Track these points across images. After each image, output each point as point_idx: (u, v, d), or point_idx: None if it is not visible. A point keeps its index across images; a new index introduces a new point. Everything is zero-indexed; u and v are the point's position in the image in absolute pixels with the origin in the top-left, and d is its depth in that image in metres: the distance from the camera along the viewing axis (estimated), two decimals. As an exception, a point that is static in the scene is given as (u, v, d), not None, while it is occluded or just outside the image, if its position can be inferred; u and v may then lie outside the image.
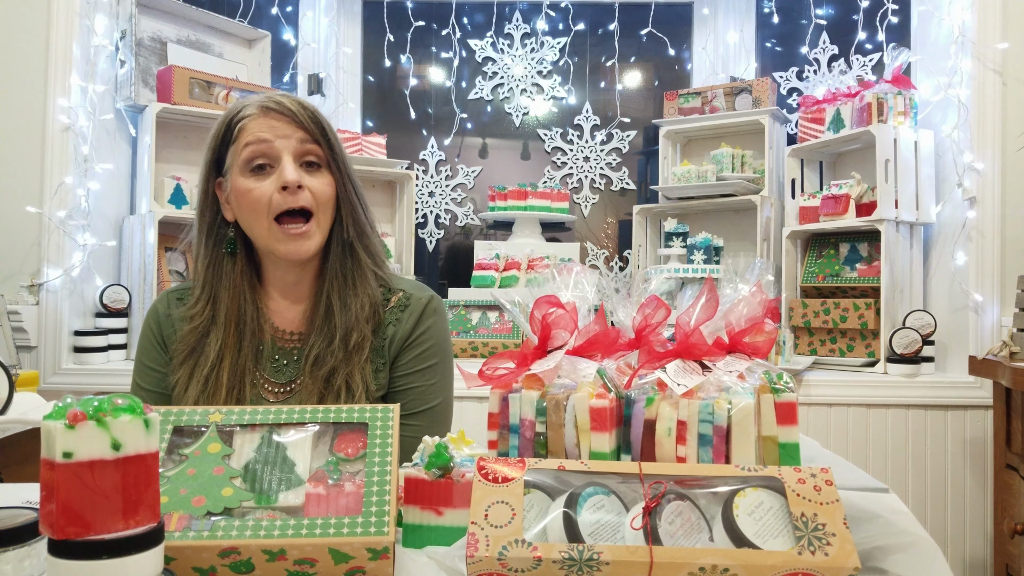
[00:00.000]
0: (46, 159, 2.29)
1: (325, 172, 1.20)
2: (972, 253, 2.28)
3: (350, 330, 1.19)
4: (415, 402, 1.24)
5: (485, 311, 2.54)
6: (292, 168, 1.15)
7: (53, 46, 2.30)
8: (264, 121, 1.17)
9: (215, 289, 1.22)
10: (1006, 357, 1.90)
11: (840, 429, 2.26)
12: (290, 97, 1.20)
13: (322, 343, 1.19)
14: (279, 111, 1.17)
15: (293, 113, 1.17)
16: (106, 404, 0.59)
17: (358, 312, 1.20)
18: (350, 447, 0.79)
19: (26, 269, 2.30)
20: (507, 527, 0.70)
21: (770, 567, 0.68)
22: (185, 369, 1.21)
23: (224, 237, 1.23)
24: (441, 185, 3.07)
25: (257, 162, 1.16)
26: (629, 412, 0.85)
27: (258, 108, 1.18)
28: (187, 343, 1.22)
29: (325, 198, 1.19)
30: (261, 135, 1.16)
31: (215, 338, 1.20)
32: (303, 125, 1.17)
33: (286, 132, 1.16)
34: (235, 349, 1.20)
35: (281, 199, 1.15)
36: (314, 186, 1.17)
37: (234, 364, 1.19)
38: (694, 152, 2.90)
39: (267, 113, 1.17)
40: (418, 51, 3.06)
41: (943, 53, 2.38)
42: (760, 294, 0.91)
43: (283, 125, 1.17)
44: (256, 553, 0.70)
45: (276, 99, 1.18)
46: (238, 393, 1.19)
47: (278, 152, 1.16)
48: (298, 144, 1.17)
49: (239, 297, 1.22)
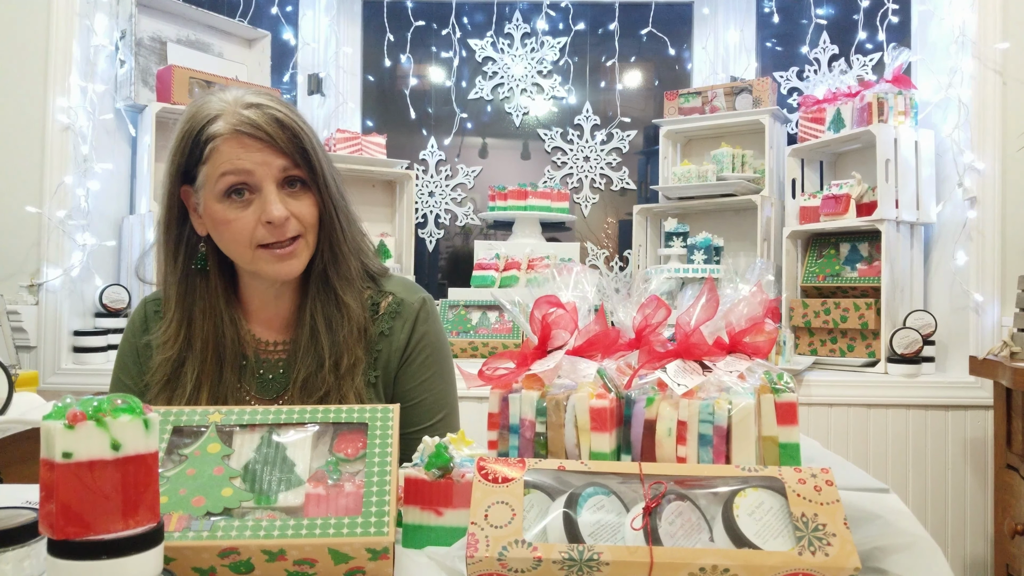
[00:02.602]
0: (46, 159, 2.29)
1: (308, 193, 1.11)
2: (972, 253, 2.28)
3: (341, 355, 1.13)
4: (426, 414, 1.21)
5: (485, 311, 2.54)
6: (277, 202, 1.06)
7: (53, 46, 2.30)
8: (239, 146, 1.05)
9: (189, 311, 1.14)
10: (1006, 357, 1.90)
11: (840, 429, 2.26)
12: (265, 113, 1.07)
13: (310, 366, 1.13)
14: (254, 136, 1.06)
15: (271, 137, 1.06)
16: (106, 404, 0.59)
17: (346, 336, 1.14)
18: (350, 447, 0.79)
19: (26, 269, 2.30)
20: (507, 527, 0.70)
21: (770, 567, 0.68)
22: (162, 400, 1.14)
23: (195, 253, 1.15)
24: (441, 185, 3.07)
25: (235, 188, 1.07)
26: (629, 412, 0.85)
27: (230, 131, 1.06)
28: (163, 372, 1.14)
29: (310, 220, 1.11)
30: (239, 163, 1.05)
31: (191, 367, 1.13)
32: (283, 150, 1.07)
33: (265, 159, 1.06)
34: (215, 375, 1.13)
35: (266, 232, 1.08)
36: (298, 210, 1.10)
37: (214, 391, 1.13)
38: (694, 152, 2.89)
39: (239, 136, 1.05)
40: (418, 51, 3.06)
41: (943, 53, 2.38)
42: (760, 294, 0.91)
43: (261, 151, 1.06)
44: (256, 553, 0.70)
45: (250, 119, 1.06)
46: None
47: (259, 181, 1.07)
48: (279, 172, 1.08)
49: (215, 318, 1.14)
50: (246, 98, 1.09)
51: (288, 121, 1.09)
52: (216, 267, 1.15)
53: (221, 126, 1.06)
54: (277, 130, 1.07)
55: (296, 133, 1.09)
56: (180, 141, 1.10)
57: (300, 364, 1.14)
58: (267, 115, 1.07)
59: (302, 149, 1.09)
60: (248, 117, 1.06)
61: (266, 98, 1.10)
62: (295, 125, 1.09)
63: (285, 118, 1.08)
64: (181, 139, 1.09)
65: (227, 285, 1.17)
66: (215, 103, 1.08)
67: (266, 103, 1.09)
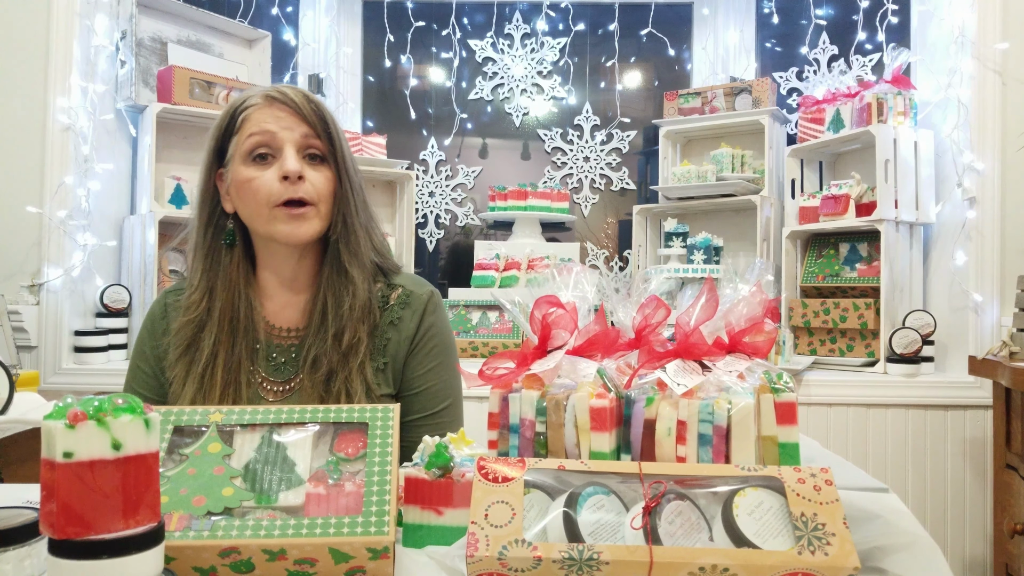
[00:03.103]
0: (46, 159, 2.29)
1: (326, 167, 1.20)
2: (972, 253, 2.28)
3: (342, 329, 1.19)
4: (432, 401, 1.26)
5: (485, 311, 2.54)
6: (294, 159, 1.16)
7: (53, 46, 2.30)
8: (268, 111, 1.17)
9: (211, 281, 1.22)
10: (1006, 357, 1.90)
11: (840, 429, 2.26)
12: (295, 89, 1.20)
13: (320, 343, 1.19)
14: (283, 102, 1.17)
15: (297, 105, 1.17)
16: (106, 404, 0.59)
17: (348, 311, 1.19)
18: (350, 447, 0.79)
19: (26, 269, 2.30)
20: (507, 527, 0.70)
21: (770, 567, 0.68)
22: (182, 366, 1.20)
23: (223, 228, 1.23)
24: (441, 185, 3.07)
25: (259, 151, 1.17)
26: (629, 412, 0.85)
27: (263, 98, 1.18)
28: (183, 336, 1.21)
29: (325, 192, 1.19)
30: (265, 125, 1.16)
31: (209, 333, 1.19)
32: (306, 118, 1.18)
33: (289, 124, 1.17)
34: (228, 346, 1.19)
35: (282, 189, 1.15)
36: (314, 179, 1.18)
37: (228, 361, 1.19)
38: (694, 152, 2.90)
39: (271, 103, 1.18)
40: (418, 51, 3.06)
41: (943, 53, 2.39)
42: (760, 294, 0.91)
43: (287, 116, 1.17)
44: (256, 553, 0.70)
45: (281, 89, 1.19)
46: (234, 391, 1.18)
47: (281, 143, 1.16)
48: (301, 137, 1.17)
49: (234, 292, 1.21)
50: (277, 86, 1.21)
51: (315, 98, 1.21)
52: (241, 245, 1.24)
53: (255, 99, 1.19)
54: (303, 100, 1.18)
55: (320, 108, 1.20)
56: (219, 121, 1.22)
57: (311, 341, 1.19)
58: (297, 91, 1.20)
59: (324, 121, 1.19)
60: (281, 88, 1.19)
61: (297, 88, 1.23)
62: (321, 103, 1.21)
63: (313, 96, 1.21)
64: (220, 119, 1.22)
65: (248, 265, 1.25)
66: (252, 90, 1.22)
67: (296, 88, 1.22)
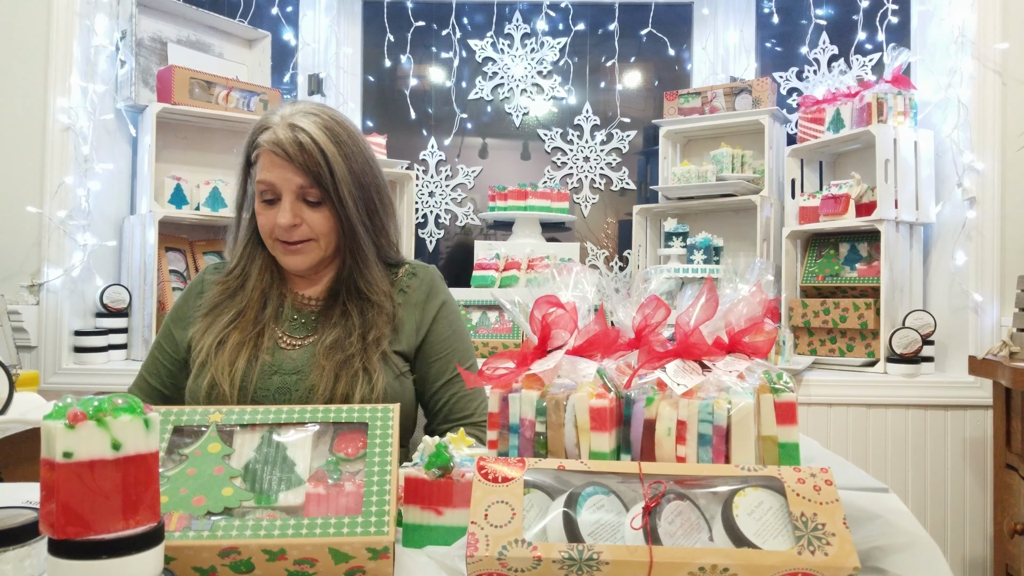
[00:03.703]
0: (46, 159, 2.29)
1: (325, 207, 1.27)
2: (972, 253, 2.28)
3: (368, 329, 1.28)
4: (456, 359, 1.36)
5: (485, 311, 2.54)
6: (287, 211, 1.25)
7: (53, 46, 2.30)
8: (270, 158, 1.25)
9: (247, 267, 1.35)
10: (1006, 357, 1.90)
11: (840, 429, 2.26)
12: (296, 133, 1.23)
13: (339, 334, 1.28)
14: (277, 155, 1.24)
15: (290, 158, 1.23)
16: (106, 404, 0.59)
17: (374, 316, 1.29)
18: (350, 447, 0.79)
19: (26, 269, 2.30)
20: (507, 527, 0.70)
21: (770, 567, 0.68)
22: (205, 321, 1.31)
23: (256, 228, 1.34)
24: (441, 185, 3.07)
25: (266, 197, 1.27)
26: (629, 412, 0.85)
27: (267, 143, 1.25)
28: (212, 298, 1.34)
29: (324, 230, 1.28)
30: (266, 175, 1.25)
31: (240, 299, 1.32)
32: (301, 170, 1.23)
33: (286, 175, 1.24)
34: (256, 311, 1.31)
35: (279, 232, 1.27)
36: (312, 221, 1.27)
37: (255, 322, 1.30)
38: (694, 152, 2.90)
39: (270, 154, 1.25)
40: (418, 51, 3.06)
41: (943, 53, 2.38)
42: (760, 294, 0.91)
43: (283, 167, 1.24)
44: (256, 553, 0.70)
45: (279, 139, 1.23)
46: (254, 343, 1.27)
47: (279, 192, 1.25)
48: (297, 187, 1.25)
49: (265, 278, 1.34)
50: (292, 118, 1.25)
51: (309, 144, 1.23)
52: None
53: (264, 138, 1.26)
54: (297, 152, 1.23)
55: (314, 157, 1.23)
56: (247, 140, 1.30)
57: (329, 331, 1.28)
58: (294, 138, 1.23)
59: (317, 172, 1.24)
60: (278, 138, 1.24)
61: (310, 120, 1.26)
62: (315, 148, 1.24)
63: (308, 142, 1.23)
64: (248, 138, 1.30)
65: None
66: (273, 116, 1.27)
67: (304, 125, 1.24)
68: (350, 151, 1.27)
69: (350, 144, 1.28)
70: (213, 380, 1.24)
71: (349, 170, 1.26)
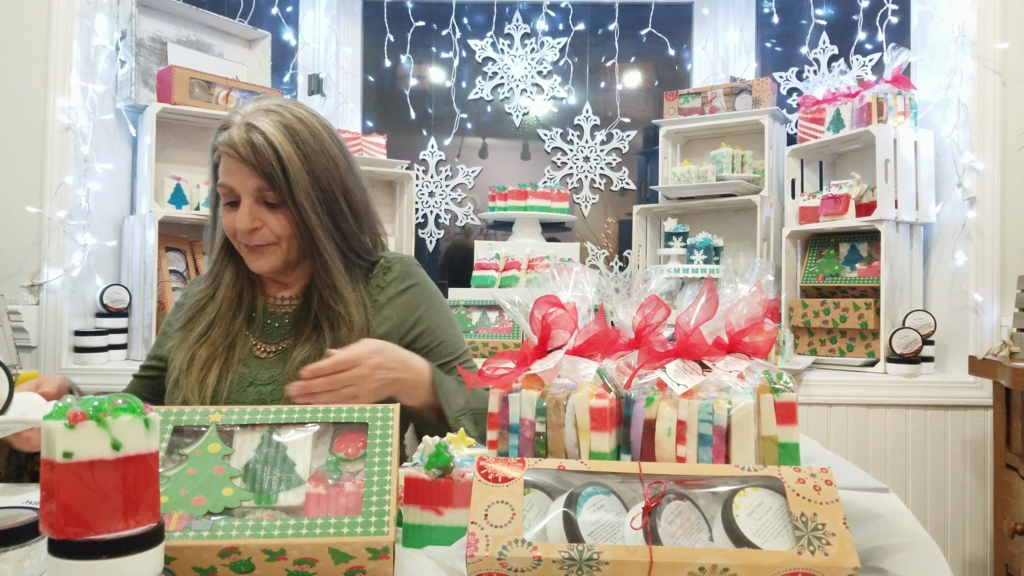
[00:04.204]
0: (46, 159, 2.29)
1: (283, 209, 1.23)
2: (972, 253, 2.28)
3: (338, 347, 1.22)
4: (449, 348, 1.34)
5: (485, 311, 2.54)
6: (244, 215, 1.22)
7: (53, 46, 2.30)
8: (227, 163, 1.22)
9: (221, 271, 1.33)
10: (1006, 357, 1.90)
11: (840, 429, 2.26)
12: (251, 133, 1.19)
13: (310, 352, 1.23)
14: (232, 156, 1.21)
15: (243, 159, 1.20)
16: (106, 404, 0.59)
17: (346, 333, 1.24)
18: (350, 447, 0.79)
19: (26, 269, 2.30)
20: (507, 527, 0.70)
21: (770, 567, 0.68)
22: (180, 335, 1.30)
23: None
24: (441, 185, 3.07)
25: (227, 199, 1.25)
26: (629, 412, 0.85)
27: (223, 144, 1.22)
28: (187, 312, 1.32)
29: (284, 233, 1.24)
30: (225, 180, 1.23)
31: (211, 310, 1.30)
32: (256, 172, 1.20)
33: (242, 177, 1.21)
34: (227, 321, 1.29)
35: (241, 236, 1.25)
36: (272, 223, 1.24)
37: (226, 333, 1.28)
38: (694, 152, 2.90)
39: (225, 157, 1.22)
40: (418, 51, 3.06)
41: (943, 53, 2.38)
42: (760, 294, 0.91)
43: (239, 169, 1.21)
44: (256, 553, 0.70)
45: (233, 140, 1.20)
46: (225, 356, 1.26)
47: (238, 195, 1.23)
48: (254, 190, 1.22)
49: (239, 279, 1.32)
50: (250, 117, 1.22)
51: (262, 145, 1.19)
52: None
53: (221, 139, 1.23)
54: (250, 153, 1.19)
55: (267, 158, 1.19)
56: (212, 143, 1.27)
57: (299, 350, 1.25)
58: (248, 139, 1.20)
59: (270, 175, 1.20)
60: (232, 139, 1.20)
61: (268, 118, 1.21)
62: (269, 149, 1.19)
63: (261, 143, 1.19)
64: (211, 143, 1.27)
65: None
66: (235, 115, 1.24)
67: (261, 124, 1.20)
68: (310, 150, 1.22)
69: (311, 143, 1.22)
70: (184, 399, 1.23)
71: (308, 171, 1.21)
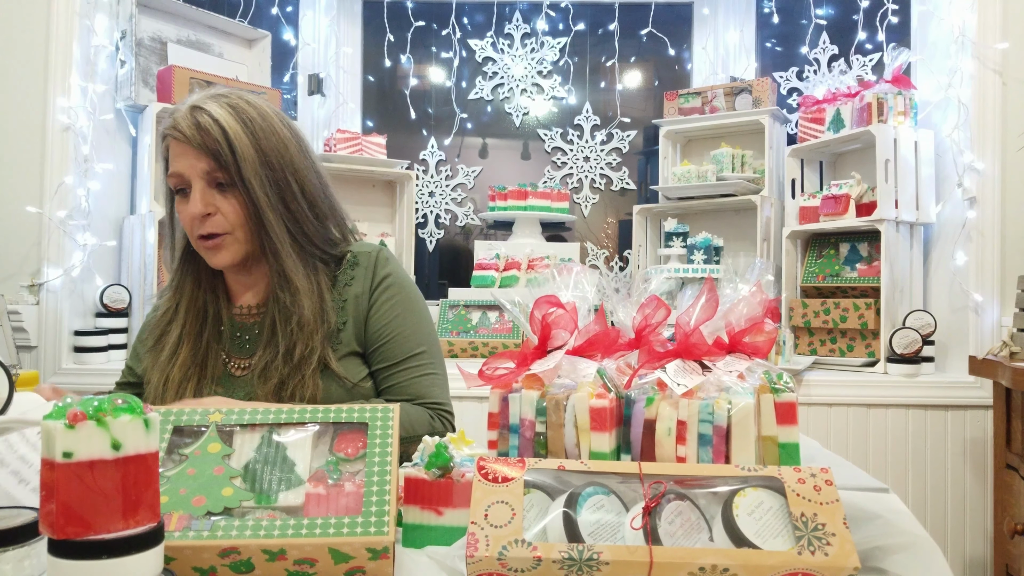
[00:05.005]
0: (46, 159, 2.29)
1: (235, 193, 1.18)
2: (972, 253, 2.28)
3: (293, 345, 1.19)
4: (405, 346, 1.25)
5: (485, 311, 2.54)
6: (197, 200, 1.17)
7: (53, 46, 2.30)
8: (175, 147, 1.18)
9: (183, 279, 1.28)
10: (1006, 357, 1.90)
11: (840, 429, 2.26)
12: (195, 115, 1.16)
13: (268, 356, 1.20)
14: (178, 139, 1.16)
15: (188, 140, 1.15)
16: (106, 404, 0.59)
17: (296, 327, 1.19)
18: (350, 447, 0.79)
19: (26, 269, 2.30)
20: (507, 527, 0.70)
21: (770, 567, 0.68)
22: (151, 356, 1.27)
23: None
24: (441, 185, 3.07)
25: (178, 188, 1.20)
26: (629, 412, 0.85)
27: (168, 130, 1.18)
28: (155, 331, 1.28)
29: (237, 219, 1.19)
30: (175, 167, 1.18)
31: (177, 326, 1.25)
32: (203, 152, 1.15)
33: (191, 160, 1.16)
34: (194, 335, 1.25)
35: (196, 224, 1.19)
36: (225, 209, 1.18)
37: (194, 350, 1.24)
38: (694, 152, 2.90)
39: (172, 140, 1.18)
40: (418, 51, 3.06)
41: (943, 53, 2.38)
42: (760, 294, 0.91)
43: (187, 152, 1.16)
44: (256, 553, 0.70)
45: (178, 123, 1.16)
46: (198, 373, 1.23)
47: (189, 180, 1.18)
48: (204, 172, 1.17)
49: (202, 286, 1.27)
50: (197, 102, 1.17)
51: (207, 123, 1.15)
52: None
53: (166, 126, 1.18)
54: (195, 134, 1.15)
55: (214, 136, 1.15)
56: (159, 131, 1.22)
57: (261, 354, 1.21)
58: (193, 120, 1.15)
59: (217, 151, 1.15)
60: (179, 122, 1.16)
61: (215, 101, 1.18)
62: (215, 127, 1.15)
63: (206, 121, 1.15)
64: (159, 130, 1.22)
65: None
66: (179, 105, 1.19)
67: (206, 106, 1.16)
68: (258, 128, 1.18)
69: (259, 122, 1.19)
70: None
71: (256, 148, 1.17)
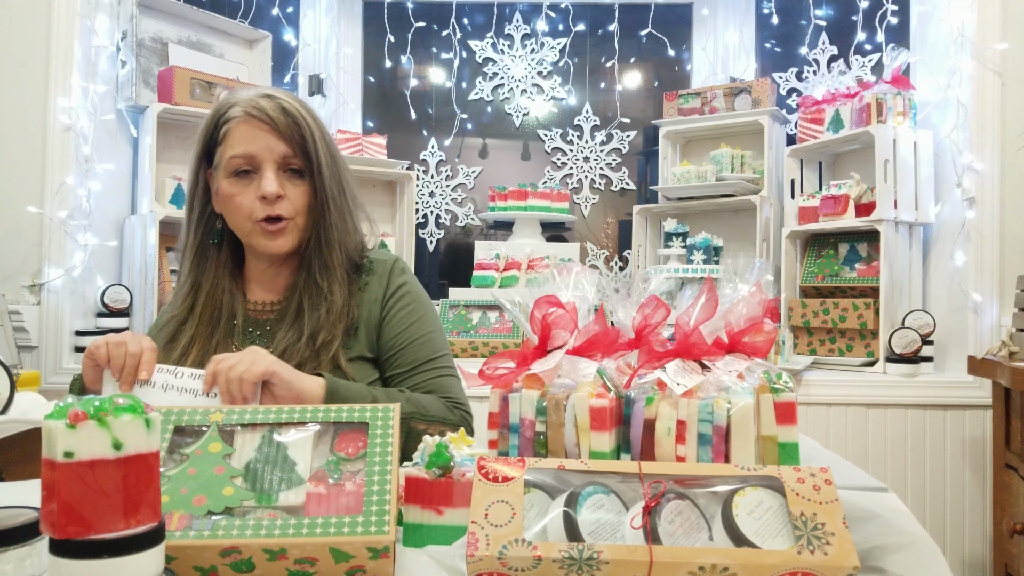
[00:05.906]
0: (47, 159, 2.29)
1: (304, 181, 1.22)
2: (971, 253, 2.28)
3: (318, 330, 1.21)
4: (424, 350, 1.26)
5: (485, 311, 2.54)
6: (272, 180, 1.18)
7: (54, 46, 2.30)
8: (248, 128, 1.19)
9: (198, 278, 1.27)
10: (1005, 357, 1.90)
11: (839, 429, 2.26)
12: (275, 100, 1.20)
13: (290, 339, 1.21)
14: (261, 119, 1.18)
15: (274, 122, 1.18)
16: (107, 404, 0.59)
17: (325, 314, 1.21)
18: (350, 446, 0.80)
19: (27, 269, 2.30)
20: (507, 526, 0.70)
21: (769, 566, 0.68)
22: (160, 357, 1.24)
23: (212, 228, 1.28)
24: (441, 185, 3.07)
25: (241, 169, 1.20)
26: (629, 412, 0.85)
27: (243, 112, 1.19)
28: (167, 331, 1.26)
29: (302, 206, 1.22)
30: (246, 147, 1.18)
31: (190, 327, 1.25)
32: (284, 136, 1.19)
33: (268, 143, 1.18)
34: (206, 336, 1.24)
35: (261, 207, 1.19)
36: (293, 195, 1.21)
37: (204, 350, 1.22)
38: (694, 152, 2.90)
39: (250, 120, 1.19)
40: (418, 52, 3.06)
41: (943, 53, 2.39)
42: (759, 294, 0.91)
43: (265, 134, 1.18)
44: (257, 552, 0.70)
45: (260, 105, 1.19)
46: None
47: (260, 162, 1.19)
48: (280, 156, 1.19)
49: (219, 287, 1.27)
50: (263, 91, 1.23)
51: (292, 110, 1.20)
52: (228, 243, 1.29)
53: (236, 111, 1.20)
54: (280, 117, 1.19)
55: (298, 122, 1.20)
56: (204, 126, 1.24)
57: (282, 335, 1.22)
58: (276, 104, 1.20)
59: (301, 137, 1.20)
60: (259, 103, 1.19)
61: (281, 92, 1.24)
62: (298, 114, 1.21)
63: (291, 108, 1.20)
64: (205, 124, 1.24)
65: (235, 261, 1.31)
66: (237, 95, 1.22)
67: (279, 95, 1.22)
68: (322, 127, 1.25)
69: (320, 122, 1.25)
70: None
71: (324, 139, 1.23)
